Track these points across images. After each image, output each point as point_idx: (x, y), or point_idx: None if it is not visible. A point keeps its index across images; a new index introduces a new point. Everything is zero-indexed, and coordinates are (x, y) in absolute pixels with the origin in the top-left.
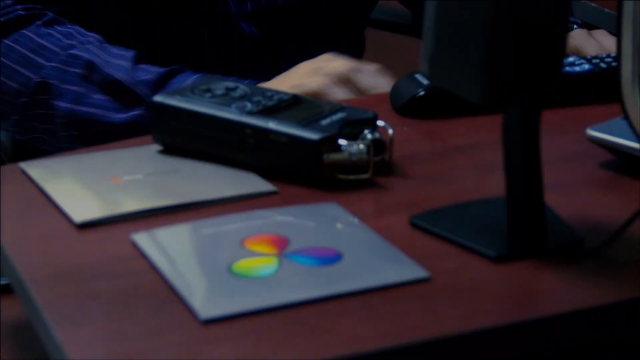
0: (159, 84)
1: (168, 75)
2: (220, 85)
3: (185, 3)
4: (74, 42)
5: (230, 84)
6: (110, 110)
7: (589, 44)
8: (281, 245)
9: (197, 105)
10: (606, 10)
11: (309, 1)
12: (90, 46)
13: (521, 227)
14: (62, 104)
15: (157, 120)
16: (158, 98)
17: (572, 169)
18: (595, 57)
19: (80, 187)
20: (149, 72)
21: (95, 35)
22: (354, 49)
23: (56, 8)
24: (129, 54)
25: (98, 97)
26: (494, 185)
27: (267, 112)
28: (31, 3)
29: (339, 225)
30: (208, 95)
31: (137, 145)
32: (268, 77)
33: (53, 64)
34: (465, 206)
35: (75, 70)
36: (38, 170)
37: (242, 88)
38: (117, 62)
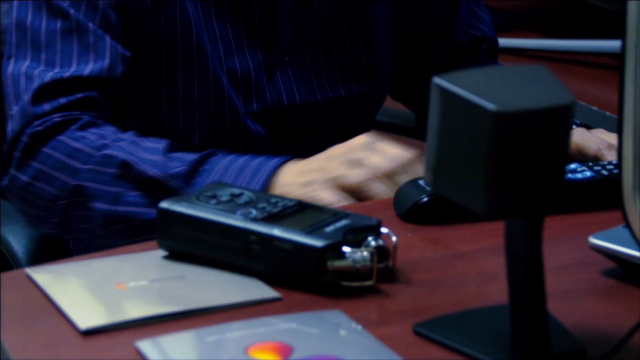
0: (192, 174)
1: (200, 162)
2: (226, 192)
3: (192, 102)
4: (107, 142)
5: (236, 190)
6: (147, 207)
7: (590, 141)
8: (285, 353)
9: (202, 212)
10: (607, 113)
11: (315, 102)
12: (123, 143)
13: (524, 335)
14: (100, 205)
15: (163, 226)
16: (164, 204)
17: (575, 277)
18: (597, 164)
19: (86, 293)
20: (183, 161)
21: (129, 132)
22: None
23: (94, 112)
24: (162, 145)
25: (134, 194)
26: (498, 292)
27: (272, 218)
28: (68, 110)
29: (342, 333)
30: (213, 201)
31: (142, 250)
32: None
33: (88, 167)
34: (469, 314)
35: (110, 170)
36: (43, 276)
37: (247, 194)
38: (150, 157)
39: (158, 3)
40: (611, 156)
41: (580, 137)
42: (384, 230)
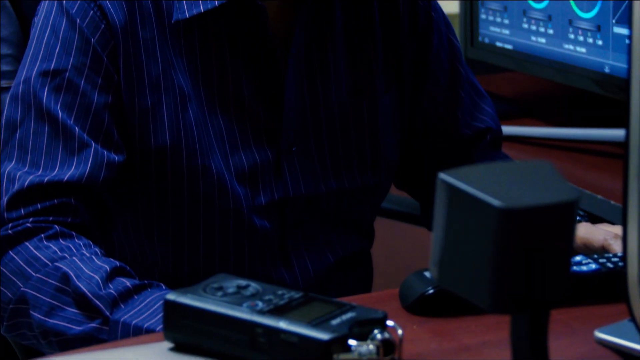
0: (120, 299)
1: (133, 290)
2: (232, 284)
3: (196, 201)
4: (65, 254)
5: (242, 282)
6: (76, 324)
7: (596, 232)
8: None
9: (208, 304)
10: (612, 202)
11: (320, 193)
12: (77, 258)
13: None
14: (37, 315)
15: (169, 318)
16: (170, 296)
17: None
18: (602, 257)
19: None
20: (118, 285)
21: (93, 250)
22: (363, 240)
23: (69, 219)
24: (108, 266)
25: (69, 309)
26: None
27: (278, 311)
28: (43, 215)
29: None
30: (220, 293)
31: (149, 342)
32: (278, 267)
33: (37, 276)
34: None
35: (52, 282)
36: None
37: (254, 286)
38: (90, 274)
39: (160, 103)
40: (618, 246)
41: (585, 230)
42: (389, 323)
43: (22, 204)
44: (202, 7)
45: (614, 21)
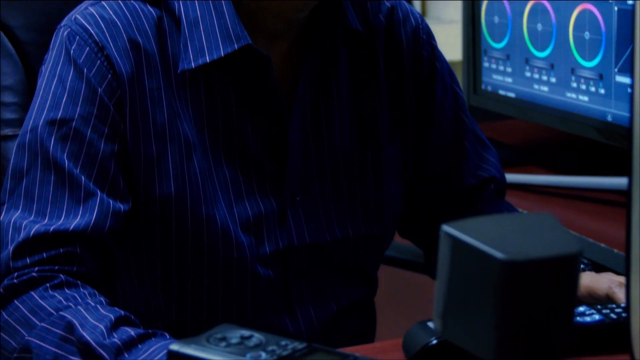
0: (127, 347)
1: (137, 340)
2: (236, 334)
3: (200, 250)
4: (70, 304)
5: (245, 333)
6: None
7: (600, 281)
8: None
9: (212, 355)
10: (615, 251)
11: (324, 242)
12: (82, 307)
13: None
14: None
15: None
16: (174, 347)
17: None
18: (606, 308)
19: None
20: (125, 334)
21: (98, 299)
22: (367, 288)
23: (74, 268)
24: (113, 315)
25: (73, 358)
26: None
27: None
28: (48, 264)
29: None
30: (223, 344)
31: None
32: (281, 316)
33: (42, 325)
34: None
35: (57, 331)
36: None
37: (257, 337)
38: (95, 323)
39: (165, 152)
40: (623, 295)
41: (589, 279)
42: None
43: (27, 253)
44: (208, 57)
45: (616, 70)
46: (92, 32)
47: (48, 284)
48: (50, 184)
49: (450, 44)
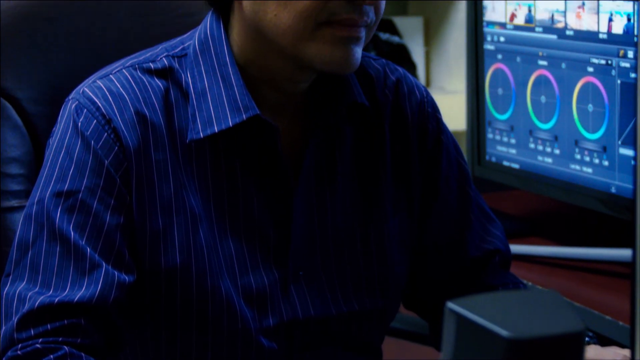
0: None
1: None
2: None
3: (204, 322)
4: None
5: None
6: None
7: (606, 354)
8: None
9: None
10: (620, 323)
11: (329, 316)
12: None
13: None
14: None
15: None
16: None
17: None
18: None
19: None
20: None
21: None
22: None
23: (78, 340)
24: None
25: None
26: None
27: None
28: (52, 336)
29: None
30: None
31: None
32: None
33: None
34: None
35: None
36: None
37: None
38: None
39: (171, 224)
40: None
41: (594, 353)
42: None
43: (32, 324)
44: (216, 127)
45: (619, 142)
46: (100, 104)
47: (52, 356)
48: (56, 255)
49: (454, 114)
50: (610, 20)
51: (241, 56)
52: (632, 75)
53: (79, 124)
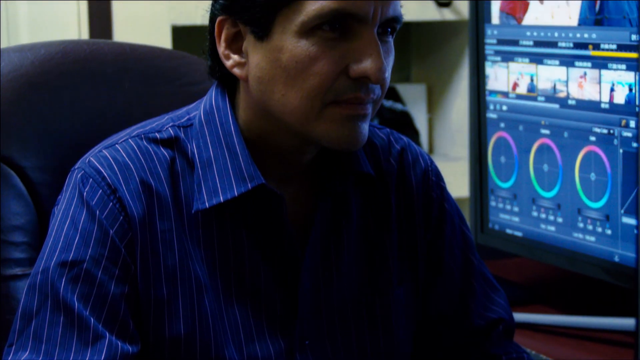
0: None
1: None
2: None
3: None
4: None
5: None
6: None
7: None
8: None
9: None
10: None
11: None
12: None
13: None
14: None
15: None
16: None
17: None
18: None
19: None
20: None
21: None
22: None
23: None
24: None
25: None
26: None
27: None
28: None
29: None
30: None
31: None
32: None
33: None
34: None
35: None
36: None
37: None
38: None
39: (176, 294)
40: None
41: None
42: None
43: None
44: (222, 197)
45: (622, 211)
46: (105, 174)
47: None
48: (59, 325)
49: (457, 181)
50: (612, 90)
51: (247, 129)
52: (634, 144)
53: (85, 193)
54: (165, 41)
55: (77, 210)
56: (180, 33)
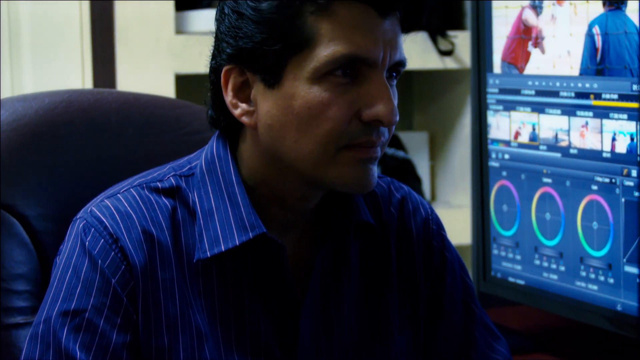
0: None
1: None
2: None
3: None
4: None
5: None
6: None
7: None
8: None
9: None
10: None
11: None
12: None
13: None
14: None
15: None
16: None
17: None
18: None
19: None
20: None
21: None
22: None
23: None
24: None
25: None
26: None
27: None
28: None
29: None
30: None
31: None
32: None
33: None
34: None
35: None
36: None
37: None
38: None
39: (176, 342)
40: None
41: None
42: None
43: None
44: (223, 246)
45: (624, 260)
46: (107, 224)
47: None
48: None
49: (459, 228)
50: (614, 139)
51: (250, 177)
52: (636, 193)
53: (87, 243)
54: (168, 89)
55: (79, 259)
56: (183, 81)
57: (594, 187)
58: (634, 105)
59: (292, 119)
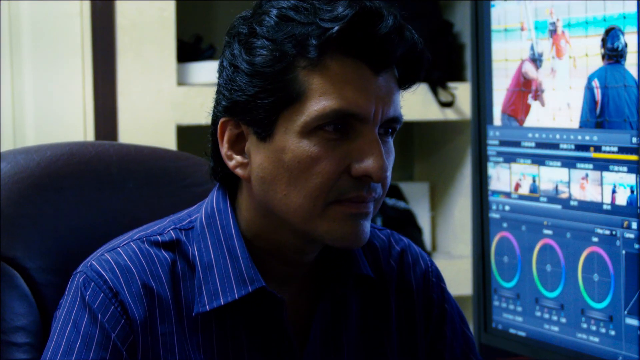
0: None
1: None
2: None
3: None
4: None
5: None
6: None
7: None
8: None
9: None
10: None
11: None
12: None
13: None
14: None
15: None
16: None
17: None
18: None
19: None
20: None
21: None
22: None
23: None
24: None
25: None
26: None
27: None
28: None
29: None
30: None
31: None
32: None
33: None
34: None
35: None
36: None
37: None
38: None
39: None
40: None
41: None
42: None
43: None
44: (222, 300)
45: (625, 312)
46: (107, 278)
47: None
48: None
49: (460, 279)
50: (614, 191)
51: (248, 229)
52: (636, 246)
53: (87, 297)
54: (169, 140)
55: (79, 313)
56: (185, 132)
57: (595, 239)
58: (634, 157)
59: (282, 173)
